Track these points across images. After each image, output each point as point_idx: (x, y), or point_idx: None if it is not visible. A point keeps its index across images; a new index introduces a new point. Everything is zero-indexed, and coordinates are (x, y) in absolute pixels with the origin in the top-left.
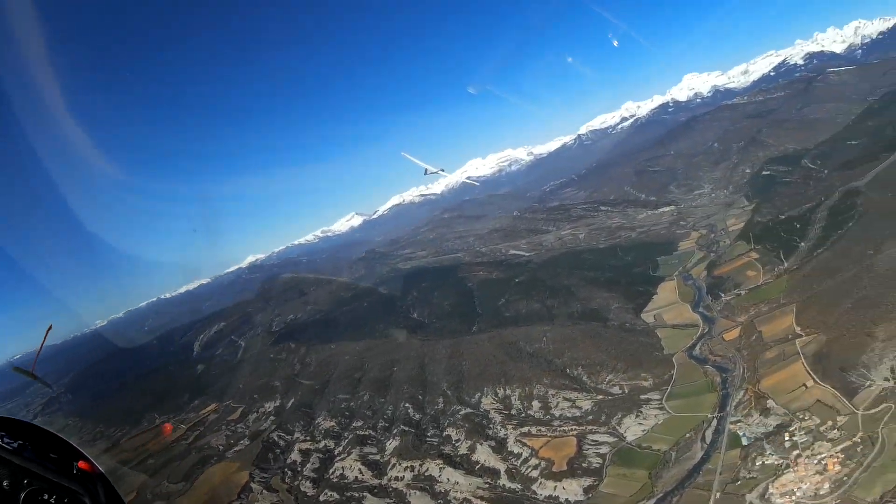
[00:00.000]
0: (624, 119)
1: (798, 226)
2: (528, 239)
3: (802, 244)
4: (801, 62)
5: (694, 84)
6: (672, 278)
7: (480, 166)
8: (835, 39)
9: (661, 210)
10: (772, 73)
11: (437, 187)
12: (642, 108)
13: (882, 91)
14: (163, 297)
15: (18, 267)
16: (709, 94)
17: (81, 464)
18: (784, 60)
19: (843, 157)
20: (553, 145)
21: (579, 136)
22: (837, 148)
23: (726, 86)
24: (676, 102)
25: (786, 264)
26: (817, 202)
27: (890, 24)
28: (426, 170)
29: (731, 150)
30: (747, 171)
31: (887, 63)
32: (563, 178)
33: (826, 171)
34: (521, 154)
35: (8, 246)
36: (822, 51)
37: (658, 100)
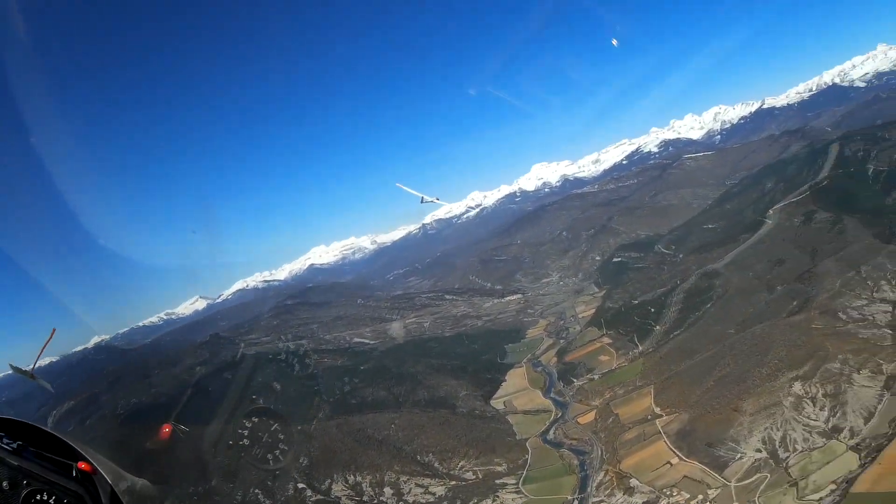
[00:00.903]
0: (470, 208)
1: (652, 310)
2: (372, 327)
3: (658, 327)
4: (655, 150)
5: (543, 174)
6: (521, 365)
7: (324, 254)
8: (692, 126)
9: (507, 298)
10: (624, 162)
11: (281, 273)
12: (489, 197)
13: (741, 175)
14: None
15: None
16: (558, 184)
17: (81, 464)
18: (638, 148)
19: (700, 240)
20: (397, 234)
21: (424, 225)
22: (693, 232)
23: (576, 175)
24: (524, 192)
25: (640, 348)
26: (672, 286)
27: (753, 109)
28: (422, 198)
29: (581, 238)
30: (597, 258)
31: (747, 147)
32: (408, 267)
33: (681, 256)
34: (366, 242)
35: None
36: (679, 137)
37: (505, 189)
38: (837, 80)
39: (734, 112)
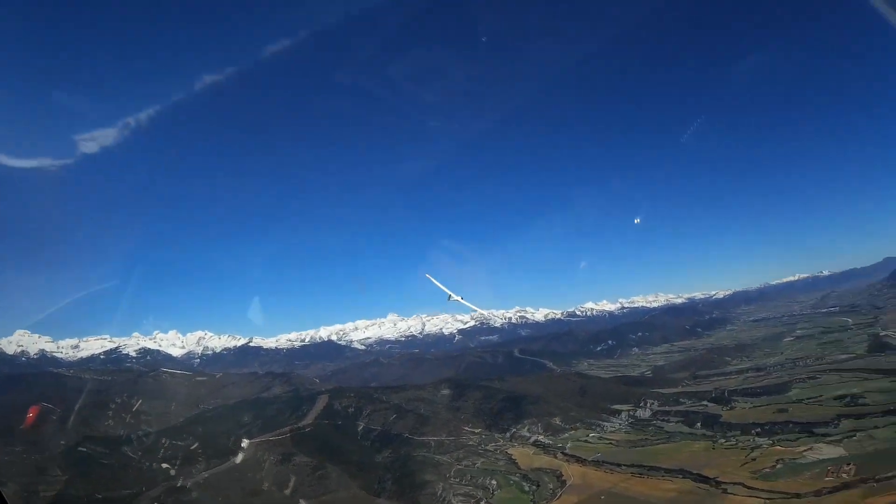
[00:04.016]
0: None
1: None
2: None
3: None
4: (134, 354)
5: (24, 342)
6: None
7: None
8: (174, 343)
9: None
10: (102, 356)
11: None
12: None
13: (218, 402)
14: None
15: None
16: (36, 356)
17: None
18: (118, 347)
19: (170, 454)
20: None
21: None
22: (163, 444)
23: (54, 354)
24: (2, 353)
25: None
26: (139, 490)
27: (239, 343)
28: (449, 296)
29: (49, 418)
30: (62, 442)
31: (228, 377)
32: None
33: (148, 464)
34: None
35: None
36: (160, 350)
37: None
38: (335, 338)
39: (219, 341)
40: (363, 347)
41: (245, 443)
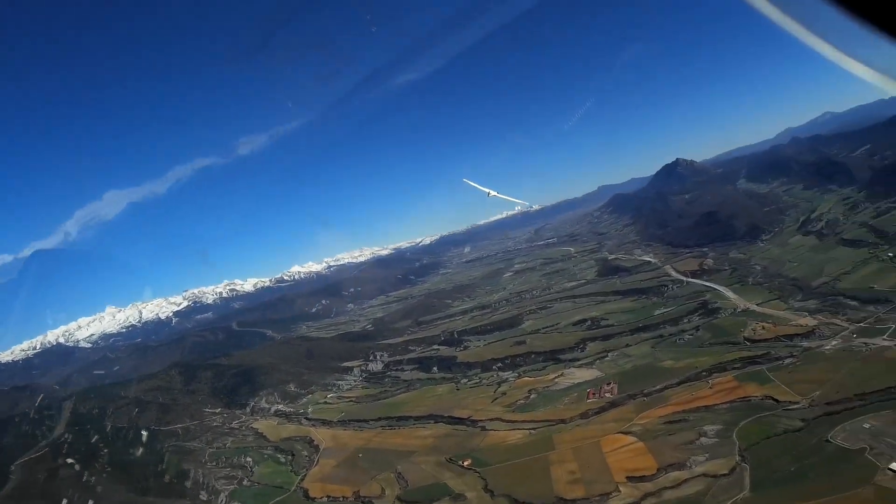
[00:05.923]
0: None
1: None
2: None
3: None
4: None
5: None
6: None
7: None
8: None
9: None
10: None
11: None
12: None
13: None
14: None
15: None
16: None
17: None
18: None
19: None
20: None
21: None
22: None
23: None
24: None
25: None
26: None
27: None
28: (488, 193)
29: None
30: None
31: None
32: None
33: None
34: None
35: None
36: None
37: None
38: (62, 340)
39: None
40: (90, 345)
41: (12, 468)
